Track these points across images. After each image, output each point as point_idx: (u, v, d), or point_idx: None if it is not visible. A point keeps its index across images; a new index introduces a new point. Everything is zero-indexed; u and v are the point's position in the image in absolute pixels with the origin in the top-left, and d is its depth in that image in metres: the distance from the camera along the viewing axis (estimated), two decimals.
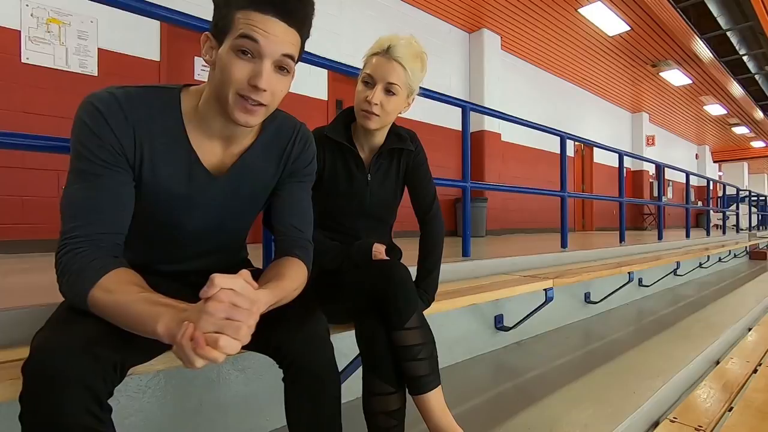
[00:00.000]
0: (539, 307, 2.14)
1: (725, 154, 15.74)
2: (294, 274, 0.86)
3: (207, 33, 0.78)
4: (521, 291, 1.92)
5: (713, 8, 6.11)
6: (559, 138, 3.53)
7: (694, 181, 12.64)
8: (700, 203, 13.32)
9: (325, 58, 1.79)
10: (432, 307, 1.32)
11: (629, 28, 6.59)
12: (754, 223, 10.06)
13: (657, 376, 1.77)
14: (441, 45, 6.25)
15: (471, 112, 2.65)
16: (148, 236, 0.87)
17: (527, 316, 2.17)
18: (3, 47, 3.09)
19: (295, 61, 0.78)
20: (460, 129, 2.64)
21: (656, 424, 1.49)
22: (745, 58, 7.78)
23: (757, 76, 8.65)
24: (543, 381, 1.77)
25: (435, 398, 1.07)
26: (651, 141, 11.15)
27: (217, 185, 0.86)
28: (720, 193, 11.06)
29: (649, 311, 3.24)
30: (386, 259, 1.19)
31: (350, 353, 1.27)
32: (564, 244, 3.44)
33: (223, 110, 0.78)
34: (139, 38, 3.69)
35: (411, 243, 1.47)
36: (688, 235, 6.03)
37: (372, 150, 1.25)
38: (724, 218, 8.22)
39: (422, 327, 1.09)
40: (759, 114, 10.95)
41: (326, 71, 4.63)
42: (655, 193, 9.55)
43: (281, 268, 0.86)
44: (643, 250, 4.22)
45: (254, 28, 0.72)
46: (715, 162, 15.75)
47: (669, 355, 2.08)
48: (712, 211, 10.03)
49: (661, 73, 8.46)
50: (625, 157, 4.49)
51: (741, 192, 9.76)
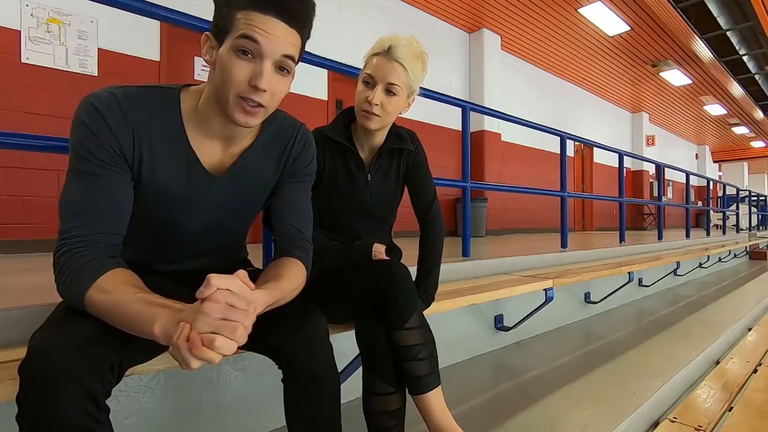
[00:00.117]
0: (539, 307, 2.14)
1: (725, 154, 15.74)
2: (293, 275, 0.86)
3: (207, 33, 0.78)
4: (521, 291, 1.92)
5: (713, 8, 6.11)
6: (559, 138, 3.53)
7: (694, 181, 12.64)
8: (700, 203, 13.32)
9: (325, 58, 1.79)
10: (432, 307, 1.32)
11: (629, 28, 6.59)
12: (754, 223, 10.06)
13: (657, 376, 1.77)
14: (441, 45, 6.25)
15: (471, 112, 2.65)
16: (148, 236, 0.87)
17: (527, 316, 2.17)
18: (3, 47, 3.09)
19: (295, 62, 0.78)
20: (460, 129, 2.64)
21: (656, 424, 1.49)
22: (745, 58, 7.78)
23: (757, 76, 8.65)
24: (543, 381, 1.77)
25: (435, 398, 1.07)
26: (651, 141, 11.15)
27: (216, 185, 0.86)
28: (720, 193, 11.07)
29: (649, 311, 3.24)
30: (386, 259, 1.19)
31: (350, 353, 1.27)
32: (564, 244, 3.44)
33: (222, 110, 0.78)
34: (139, 38, 3.69)
35: (411, 243, 1.47)
36: (688, 235, 6.03)
37: (372, 150, 1.25)
38: (724, 218, 8.23)
39: (422, 327, 1.09)
40: (759, 114, 10.95)
41: (326, 71, 4.63)
42: (655, 193, 9.55)
43: (280, 268, 0.85)
44: (643, 250, 4.22)
45: (255, 29, 0.72)
46: (715, 162, 15.75)
47: (669, 355, 2.08)
48: (712, 211, 10.03)
49: (661, 73, 8.46)
50: (625, 157, 4.49)
51: (741, 192, 9.76)
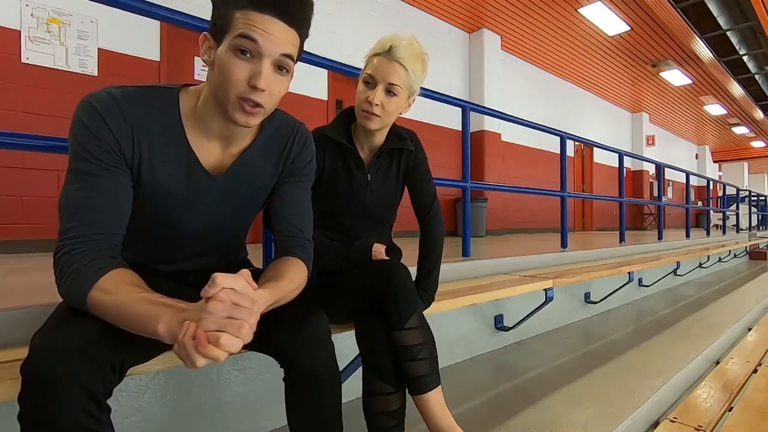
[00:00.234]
0: (539, 307, 2.14)
1: (725, 154, 15.74)
2: (294, 274, 0.86)
3: (205, 33, 0.78)
4: (521, 291, 1.92)
5: (713, 8, 6.11)
6: (559, 138, 3.53)
7: (694, 181, 12.64)
8: (700, 203, 13.32)
9: (325, 58, 1.79)
10: (432, 307, 1.32)
11: (629, 28, 6.59)
12: (754, 223, 10.06)
13: (657, 376, 1.77)
14: (441, 45, 6.25)
15: (471, 112, 2.65)
16: (147, 236, 0.87)
17: (527, 316, 2.17)
18: (3, 47, 3.09)
19: (294, 61, 0.78)
20: (460, 129, 2.64)
21: (656, 424, 1.49)
22: (745, 58, 7.78)
23: (757, 76, 8.64)
24: (543, 381, 1.77)
25: (435, 398, 1.07)
26: (651, 141, 11.15)
27: (216, 185, 0.86)
28: (720, 193, 11.07)
29: (649, 311, 3.24)
30: (386, 259, 1.19)
31: (350, 353, 1.27)
32: (564, 244, 3.44)
33: (222, 110, 0.78)
34: (139, 38, 3.69)
35: (411, 243, 1.47)
36: (688, 235, 6.03)
37: (372, 150, 1.25)
38: (724, 218, 8.23)
39: (422, 327, 1.09)
40: (759, 114, 10.95)
41: (326, 71, 4.63)
42: (655, 193, 9.55)
43: (281, 268, 0.86)
44: (643, 250, 4.22)
45: (253, 28, 0.71)
46: (715, 162, 15.74)
47: (669, 355, 2.08)
48: (712, 211, 10.03)
49: (661, 73, 8.46)
50: (625, 157, 4.49)
51: (741, 192, 9.76)
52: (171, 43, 3.87)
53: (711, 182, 8.70)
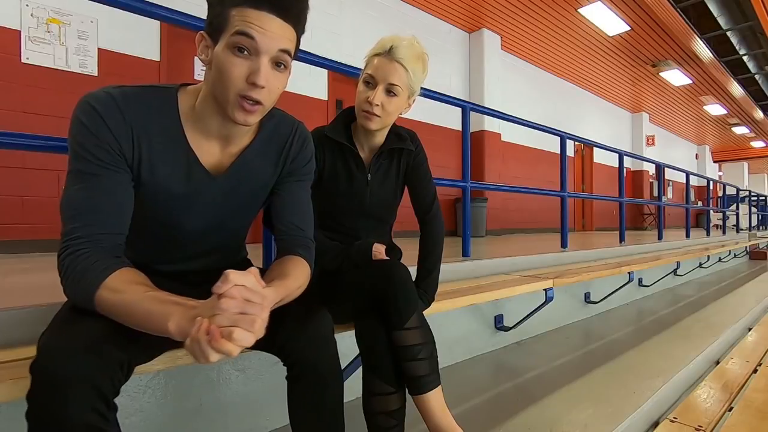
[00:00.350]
0: (539, 307, 2.14)
1: (725, 154, 15.73)
2: (298, 273, 0.86)
3: (202, 32, 0.78)
4: (521, 291, 1.92)
5: (713, 8, 6.11)
6: (559, 138, 3.53)
7: (694, 181, 12.64)
8: (700, 203, 13.32)
9: (325, 58, 1.79)
10: (432, 307, 1.32)
11: (629, 28, 6.59)
12: (754, 223, 10.06)
13: (657, 376, 1.78)
14: (441, 45, 6.25)
15: (471, 112, 2.65)
16: (148, 236, 0.87)
17: (527, 316, 2.17)
18: (3, 47, 3.09)
19: (291, 57, 0.78)
20: (460, 129, 2.64)
21: (656, 424, 1.49)
22: (745, 58, 7.78)
23: (757, 76, 8.64)
24: (543, 381, 1.77)
25: (435, 398, 1.07)
26: (651, 141, 11.15)
27: (216, 185, 0.86)
28: (720, 193, 11.07)
29: (649, 311, 3.24)
30: (386, 259, 1.19)
31: (350, 353, 1.27)
32: (564, 244, 3.44)
33: (220, 109, 0.78)
34: (139, 38, 3.69)
35: (411, 243, 1.47)
36: (688, 235, 6.03)
37: (372, 150, 1.25)
38: (724, 218, 8.23)
39: (422, 327, 1.09)
40: (759, 114, 10.95)
41: (326, 71, 4.63)
42: (655, 193, 9.55)
43: (284, 267, 0.86)
44: (643, 250, 4.22)
45: (250, 25, 0.71)
46: (715, 162, 15.74)
47: (669, 355, 2.08)
48: (712, 211, 10.03)
49: (661, 73, 8.45)
50: (625, 157, 4.49)
51: (741, 192, 9.76)
52: (171, 43, 3.87)
53: (711, 182, 8.70)
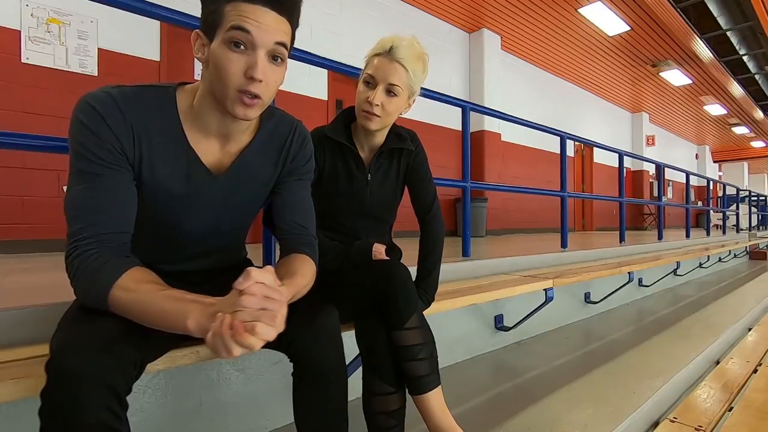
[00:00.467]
0: (539, 307, 2.14)
1: (725, 154, 15.73)
2: (304, 271, 0.87)
3: (197, 31, 0.78)
4: (521, 291, 1.92)
5: (713, 8, 6.11)
6: (559, 138, 3.53)
7: (694, 181, 12.64)
8: (700, 203, 13.32)
9: (325, 58, 1.79)
10: (432, 307, 1.32)
11: (629, 28, 6.59)
12: (754, 223, 10.06)
13: (657, 376, 1.77)
14: (441, 45, 6.25)
15: (471, 112, 2.65)
16: (148, 236, 0.87)
17: (527, 316, 2.17)
18: (3, 47, 3.09)
19: (288, 50, 0.78)
20: (460, 129, 2.64)
21: (656, 424, 1.49)
22: (745, 58, 7.78)
23: (757, 76, 8.64)
24: (543, 381, 1.77)
25: (435, 398, 1.07)
26: (651, 141, 11.15)
27: (216, 184, 0.86)
28: (720, 193, 11.07)
29: (649, 311, 3.24)
30: (386, 259, 1.19)
31: (350, 353, 1.26)
32: (564, 244, 3.44)
33: (219, 106, 0.78)
34: (139, 38, 3.69)
35: (411, 243, 1.47)
36: (688, 235, 6.03)
37: (372, 150, 1.25)
38: (724, 218, 8.22)
39: (422, 327, 1.09)
40: (759, 114, 10.95)
41: (326, 71, 4.63)
42: (655, 193, 9.55)
43: (291, 265, 0.87)
44: (643, 250, 4.22)
45: (245, 19, 0.72)
46: (715, 162, 15.74)
47: (669, 355, 2.08)
48: (712, 211, 10.03)
49: (661, 73, 8.45)
50: (625, 157, 4.49)
51: (741, 192, 9.76)
52: (171, 43, 3.87)
53: (711, 182, 8.70)
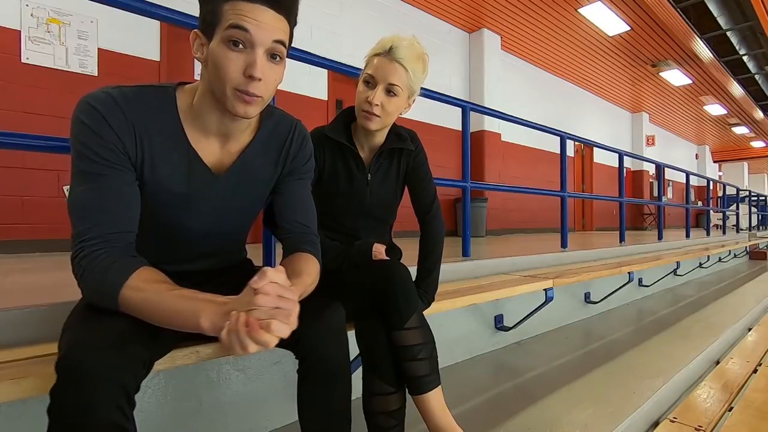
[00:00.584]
0: (539, 307, 2.14)
1: (725, 154, 15.73)
2: (310, 269, 0.88)
3: (195, 31, 0.78)
4: (521, 291, 1.92)
5: (713, 8, 6.10)
6: (559, 138, 3.53)
7: (694, 181, 12.64)
8: (700, 203, 13.32)
9: (325, 58, 1.79)
10: (432, 307, 1.32)
11: (629, 28, 6.59)
12: (754, 223, 10.06)
13: (657, 376, 1.77)
14: (441, 45, 6.25)
15: (471, 112, 2.65)
16: (150, 237, 0.86)
17: (527, 316, 2.17)
18: (3, 47, 3.09)
19: (286, 48, 0.78)
20: (460, 129, 2.64)
21: (656, 424, 1.49)
22: (745, 58, 7.78)
23: (757, 76, 8.64)
24: (543, 381, 1.77)
25: (435, 398, 1.07)
26: (651, 141, 11.15)
27: (217, 184, 0.86)
28: (720, 193, 11.07)
29: (649, 311, 3.24)
30: (386, 259, 1.19)
31: (350, 353, 1.27)
32: (564, 244, 3.44)
33: (219, 105, 0.78)
34: (139, 38, 3.69)
35: (411, 243, 1.47)
36: (688, 235, 6.03)
37: (372, 150, 1.25)
38: (724, 218, 8.22)
39: (422, 327, 1.09)
40: (759, 114, 10.95)
41: (326, 71, 4.63)
42: (655, 193, 9.55)
43: (296, 264, 0.87)
44: (643, 250, 4.22)
45: (243, 18, 0.72)
46: (715, 162, 15.74)
47: (669, 355, 2.08)
48: (712, 211, 10.03)
49: (661, 73, 8.45)
50: (625, 157, 4.49)
51: (741, 192, 9.76)
52: (171, 43, 3.87)
53: (711, 182, 8.70)
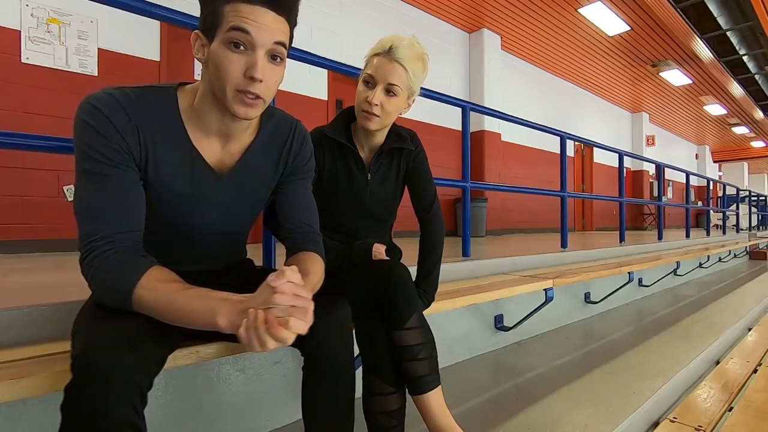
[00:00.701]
0: (539, 307, 2.14)
1: (725, 154, 15.73)
2: (316, 268, 0.88)
3: (196, 32, 0.78)
4: (521, 291, 1.92)
5: (713, 8, 6.10)
6: (559, 138, 3.53)
7: (694, 181, 12.64)
8: (700, 203, 13.32)
9: (325, 58, 1.79)
10: (432, 307, 1.32)
11: (629, 28, 6.59)
12: (754, 223, 10.05)
13: (657, 376, 1.77)
14: (441, 45, 6.25)
15: (471, 112, 2.65)
16: (153, 237, 0.87)
17: (527, 316, 2.17)
18: (3, 47, 3.09)
19: (287, 49, 0.79)
20: (460, 129, 2.64)
21: (656, 424, 1.49)
22: (745, 58, 7.78)
23: (757, 76, 8.64)
24: (543, 381, 1.77)
25: (435, 398, 1.07)
26: (651, 141, 11.15)
27: (219, 184, 0.86)
28: (720, 193, 11.07)
29: (649, 311, 3.24)
30: (386, 259, 1.19)
31: None
32: (564, 244, 3.43)
33: (219, 105, 0.79)
34: (139, 38, 3.69)
35: (411, 243, 1.47)
36: (688, 235, 6.03)
37: (372, 150, 1.25)
38: (724, 218, 8.22)
39: (422, 327, 1.09)
40: (759, 114, 10.95)
41: (326, 71, 4.63)
42: (655, 193, 9.55)
43: (303, 264, 0.87)
44: (643, 250, 4.22)
45: (244, 19, 0.72)
46: (715, 162, 15.74)
47: (669, 355, 2.08)
48: (712, 211, 10.03)
49: (661, 73, 8.45)
50: (625, 157, 4.49)
51: (741, 192, 9.76)
52: (171, 43, 3.87)
53: (711, 182, 8.70)
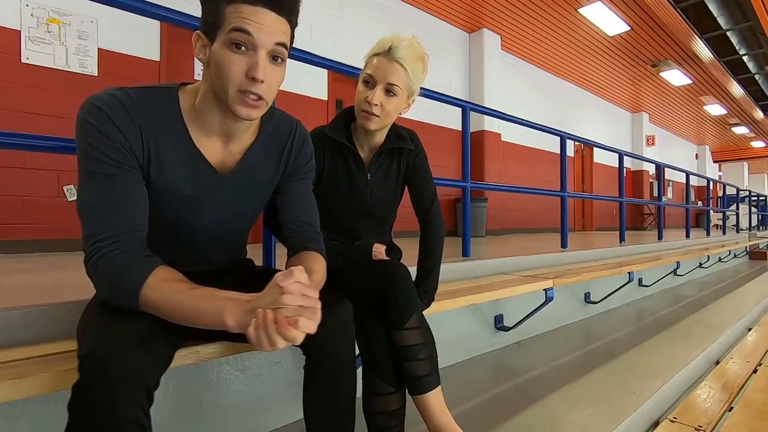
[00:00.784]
0: (539, 307, 2.14)
1: (725, 154, 15.73)
2: (318, 267, 0.89)
3: (197, 32, 0.79)
4: (521, 291, 1.92)
5: (713, 8, 6.10)
6: (559, 138, 3.53)
7: (694, 181, 12.64)
8: (700, 203, 13.32)
9: (325, 58, 1.79)
10: (432, 307, 1.32)
11: (629, 28, 6.59)
12: (754, 223, 10.05)
13: (657, 376, 1.77)
14: (441, 45, 6.25)
15: (471, 112, 2.65)
16: (154, 237, 0.87)
17: (527, 316, 2.17)
18: (3, 47, 3.09)
19: (287, 50, 0.79)
20: (460, 129, 2.64)
21: (656, 424, 1.49)
22: (745, 58, 7.78)
23: (757, 76, 8.64)
24: (543, 381, 1.77)
25: (435, 398, 1.07)
26: (651, 141, 11.15)
27: (221, 184, 0.86)
28: (720, 193, 11.07)
29: (649, 311, 3.24)
30: (386, 259, 1.19)
31: None
32: (564, 244, 3.44)
33: (221, 106, 0.79)
34: (139, 38, 3.69)
35: (411, 243, 1.47)
36: (688, 235, 6.03)
37: (372, 149, 1.25)
38: (724, 218, 8.22)
39: (422, 327, 1.10)
40: (759, 114, 10.95)
41: (326, 71, 4.63)
42: (655, 193, 9.55)
43: (305, 263, 0.87)
44: (643, 250, 4.22)
45: (246, 20, 0.72)
46: (715, 162, 15.74)
47: (669, 355, 2.08)
48: (712, 211, 10.03)
49: (661, 73, 8.45)
50: (625, 157, 4.49)
51: (741, 192, 9.76)
52: (171, 43, 3.87)
53: (711, 182, 8.70)
